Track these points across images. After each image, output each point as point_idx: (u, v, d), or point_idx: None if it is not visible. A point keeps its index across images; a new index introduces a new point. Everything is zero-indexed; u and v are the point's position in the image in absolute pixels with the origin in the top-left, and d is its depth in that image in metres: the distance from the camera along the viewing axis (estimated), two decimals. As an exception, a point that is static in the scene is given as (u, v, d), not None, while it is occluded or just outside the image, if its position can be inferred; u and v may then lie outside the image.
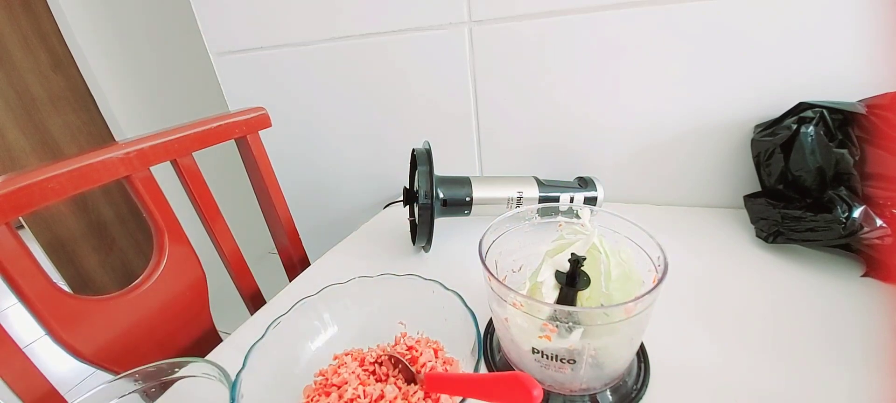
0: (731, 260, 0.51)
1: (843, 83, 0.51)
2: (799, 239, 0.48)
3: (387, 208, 0.80)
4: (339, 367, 0.37)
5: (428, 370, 0.36)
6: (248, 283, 0.68)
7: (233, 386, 0.31)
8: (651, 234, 0.34)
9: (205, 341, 0.60)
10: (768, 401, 0.33)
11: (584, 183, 0.62)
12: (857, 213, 0.43)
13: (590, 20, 0.59)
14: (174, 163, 0.58)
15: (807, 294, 0.44)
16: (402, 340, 0.40)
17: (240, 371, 0.31)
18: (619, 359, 0.34)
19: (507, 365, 0.38)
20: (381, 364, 0.37)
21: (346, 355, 0.39)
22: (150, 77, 1.54)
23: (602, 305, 0.35)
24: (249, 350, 0.33)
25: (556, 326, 0.30)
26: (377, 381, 0.36)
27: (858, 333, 0.38)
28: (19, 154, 1.39)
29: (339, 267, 0.61)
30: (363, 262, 0.61)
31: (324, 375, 0.37)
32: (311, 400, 0.35)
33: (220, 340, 0.53)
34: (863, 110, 0.47)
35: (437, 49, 0.70)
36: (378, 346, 0.40)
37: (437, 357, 0.37)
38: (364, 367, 0.37)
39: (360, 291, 0.42)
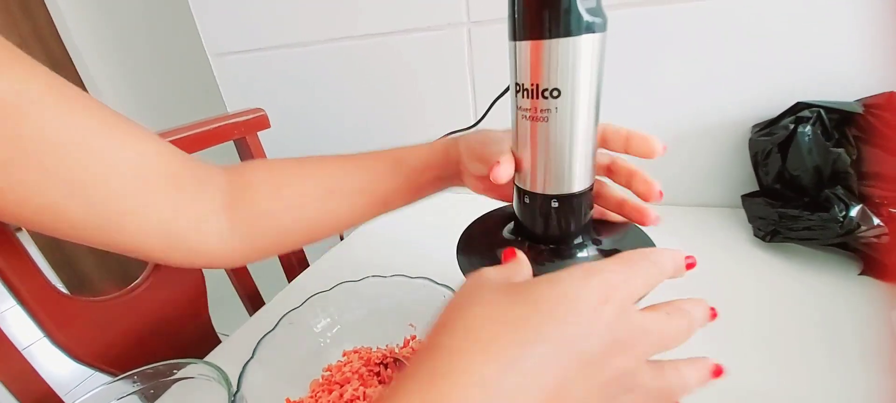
0: (728, 258, 0.51)
1: (841, 83, 0.51)
2: (796, 237, 0.48)
3: (386, 208, 0.80)
4: (344, 365, 0.38)
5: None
6: (247, 284, 0.67)
7: (238, 383, 0.31)
8: (648, 233, 0.34)
9: (203, 342, 0.59)
10: (765, 400, 0.33)
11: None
12: (854, 212, 0.43)
13: (588, 20, 0.59)
14: (172, 164, 0.57)
15: (804, 292, 0.44)
16: (411, 343, 0.40)
17: (248, 362, 0.32)
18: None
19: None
20: (386, 367, 0.37)
21: (355, 352, 0.39)
22: (148, 78, 1.54)
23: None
24: (259, 342, 0.34)
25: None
26: (380, 383, 0.36)
27: (855, 331, 0.38)
28: (16, 155, 1.38)
29: (339, 268, 0.61)
30: (363, 262, 0.61)
31: (330, 371, 0.37)
32: (315, 395, 0.35)
33: (219, 341, 0.52)
34: (860, 110, 0.47)
35: (436, 50, 0.70)
36: (386, 347, 0.40)
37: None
38: (369, 367, 0.37)
39: (372, 290, 0.42)
